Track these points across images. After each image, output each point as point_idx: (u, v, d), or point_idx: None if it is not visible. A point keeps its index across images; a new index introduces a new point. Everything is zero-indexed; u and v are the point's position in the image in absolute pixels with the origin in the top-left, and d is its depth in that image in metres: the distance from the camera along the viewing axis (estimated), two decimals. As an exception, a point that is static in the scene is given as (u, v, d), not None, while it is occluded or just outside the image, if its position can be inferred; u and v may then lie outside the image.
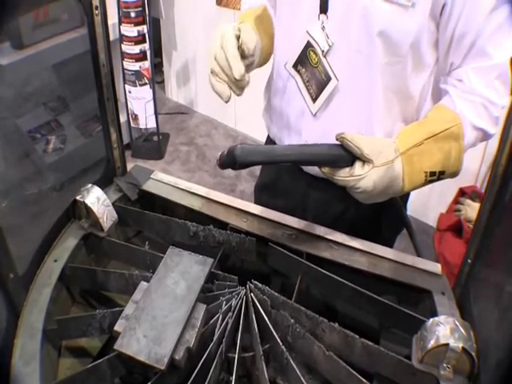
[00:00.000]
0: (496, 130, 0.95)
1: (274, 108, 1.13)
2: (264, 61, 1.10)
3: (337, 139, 0.85)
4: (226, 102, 0.93)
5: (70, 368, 0.87)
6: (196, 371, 0.74)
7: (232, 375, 0.77)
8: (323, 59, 0.95)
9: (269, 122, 1.18)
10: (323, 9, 0.91)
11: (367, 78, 0.94)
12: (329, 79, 0.95)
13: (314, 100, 1.00)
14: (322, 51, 0.94)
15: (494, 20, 0.83)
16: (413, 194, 1.26)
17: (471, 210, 2.08)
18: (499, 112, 0.92)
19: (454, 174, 0.94)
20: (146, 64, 2.82)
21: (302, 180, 1.13)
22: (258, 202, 1.37)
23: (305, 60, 0.98)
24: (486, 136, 0.95)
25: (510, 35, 0.85)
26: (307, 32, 0.95)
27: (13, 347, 0.79)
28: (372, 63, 0.92)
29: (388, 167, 0.84)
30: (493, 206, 0.82)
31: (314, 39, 0.94)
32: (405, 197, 1.19)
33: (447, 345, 0.73)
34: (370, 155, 0.83)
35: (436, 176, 0.90)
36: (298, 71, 1.00)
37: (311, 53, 0.96)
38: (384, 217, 1.15)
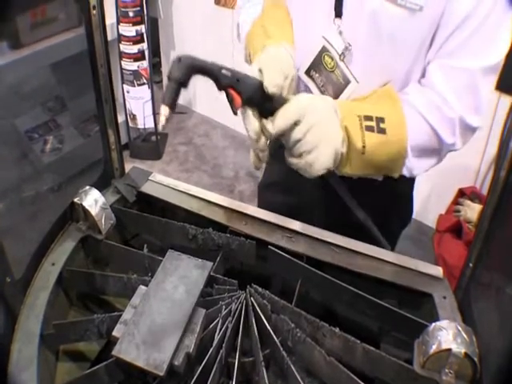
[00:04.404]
0: (452, 140, 0.90)
1: None
2: None
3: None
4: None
5: (67, 373, 0.86)
6: (195, 377, 0.74)
7: (232, 380, 0.77)
8: (341, 63, 0.94)
9: None
10: (338, 13, 0.91)
11: (380, 79, 0.93)
12: (348, 82, 0.94)
13: None
14: (340, 55, 0.93)
15: (468, 25, 0.82)
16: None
17: (470, 210, 2.08)
18: (456, 119, 0.88)
19: (399, 132, 0.86)
20: (145, 64, 2.81)
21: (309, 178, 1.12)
22: (261, 200, 1.37)
23: (319, 65, 0.97)
24: (439, 139, 0.90)
25: (483, 43, 0.84)
26: (323, 37, 0.94)
27: (9, 353, 0.78)
28: (383, 65, 0.92)
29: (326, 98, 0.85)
30: (495, 210, 0.81)
31: (330, 44, 0.94)
32: (408, 195, 1.20)
33: (449, 350, 0.72)
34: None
35: (374, 121, 0.84)
36: (311, 76, 0.99)
37: (326, 57, 0.95)
38: (393, 209, 1.14)
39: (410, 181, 1.18)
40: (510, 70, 0.90)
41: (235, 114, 0.79)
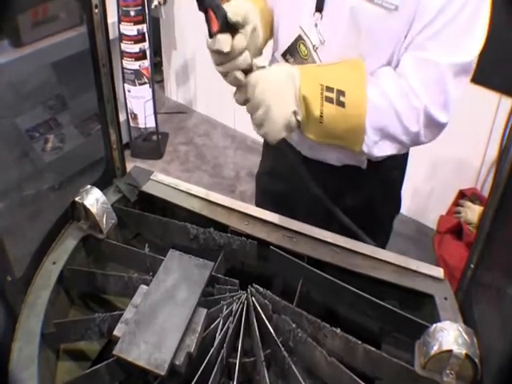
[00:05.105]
0: (415, 128, 0.90)
1: None
2: (268, 25, 1.06)
3: None
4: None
5: (68, 372, 0.86)
6: (197, 377, 0.74)
7: (233, 380, 0.77)
8: (314, 53, 0.98)
9: None
10: (319, 8, 0.95)
11: None
12: None
13: None
14: (313, 46, 0.97)
15: (440, 20, 0.84)
16: (412, 196, 1.27)
17: (471, 212, 2.08)
18: (421, 108, 0.89)
19: (359, 108, 0.87)
20: (146, 63, 2.80)
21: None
22: (258, 188, 1.41)
23: (294, 51, 1.01)
24: (402, 125, 0.89)
25: (453, 41, 0.86)
26: (300, 27, 0.98)
27: (10, 351, 0.78)
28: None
29: (282, 66, 0.90)
30: (496, 212, 0.81)
31: (305, 34, 0.98)
32: (397, 185, 1.22)
33: (450, 351, 0.73)
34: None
35: (334, 93, 0.86)
36: (287, 60, 1.03)
37: (301, 45, 0.99)
38: (381, 198, 1.17)
39: (399, 171, 1.21)
40: (485, 62, 0.92)
41: (211, 37, 0.81)
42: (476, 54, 0.87)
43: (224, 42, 0.79)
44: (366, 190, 1.14)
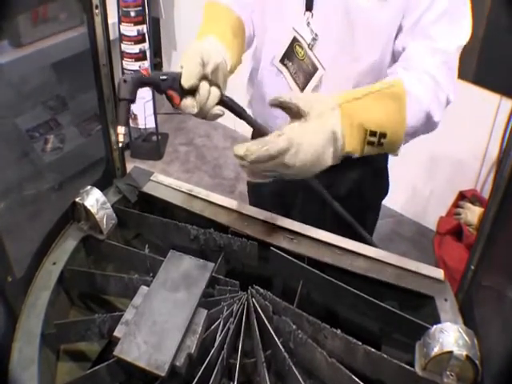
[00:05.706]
0: (439, 118, 0.93)
1: (263, 99, 1.15)
2: (239, 37, 1.05)
3: (273, 105, 0.85)
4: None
5: (68, 373, 0.86)
6: (197, 377, 0.73)
7: (233, 381, 0.77)
8: (309, 52, 1.00)
9: (255, 114, 1.20)
10: (308, 7, 0.97)
11: (351, 67, 1.00)
12: (315, 69, 1.01)
13: (302, 89, 1.05)
14: (308, 45, 1.00)
15: (437, 6, 0.89)
16: (412, 198, 1.27)
17: (471, 213, 2.08)
18: (444, 99, 0.93)
19: (395, 144, 0.89)
20: (146, 64, 2.81)
21: None
22: (250, 190, 1.44)
23: (291, 54, 1.03)
24: (430, 121, 0.92)
25: (454, 23, 0.91)
26: (293, 28, 1.00)
27: (10, 352, 0.78)
28: (354, 54, 0.97)
29: (324, 122, 0.80)
30: (496, 213, 0.81)
31: (299, 34, 1.00)
32: (383, 168, 1.25)
33: (451, 352, 0.72)
34: (306, 107, 0.79)
35: (376, 137, 0.85)
36: (285, 65, 1.05)
37: (297, 47, 1.02)
38: (369, 181, 1.21)
39: (385, 155, 1.23)
40: (485, 63, 0.97)
41: (175, 107, 0.84)
42: (469, 33, 0.92)
43: (189, 105, 0.82)
44: (354, 177, 1.18)
